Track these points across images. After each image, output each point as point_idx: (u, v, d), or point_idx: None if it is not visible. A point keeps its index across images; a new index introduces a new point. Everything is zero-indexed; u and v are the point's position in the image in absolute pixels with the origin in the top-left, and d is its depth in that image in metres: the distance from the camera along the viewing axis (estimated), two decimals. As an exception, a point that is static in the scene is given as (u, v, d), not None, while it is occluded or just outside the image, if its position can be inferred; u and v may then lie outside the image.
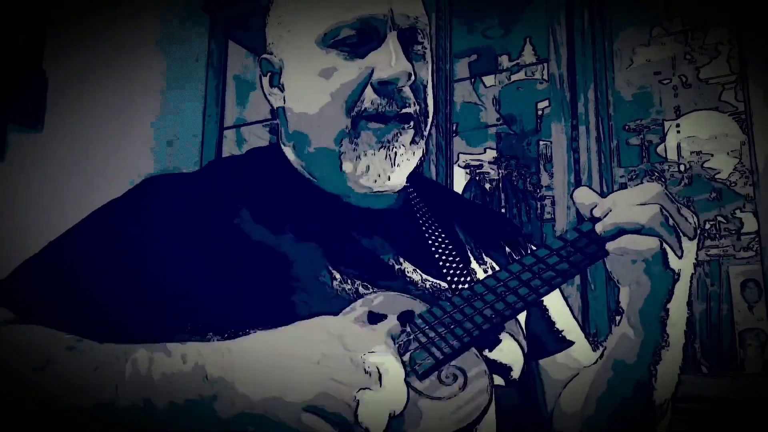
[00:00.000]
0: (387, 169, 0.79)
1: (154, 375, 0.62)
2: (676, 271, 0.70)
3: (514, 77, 2.22)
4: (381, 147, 0.78)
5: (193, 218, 0.78)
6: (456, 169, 2.19)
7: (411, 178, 0.91)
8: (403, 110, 0.79)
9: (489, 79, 2.27)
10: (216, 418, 0.61)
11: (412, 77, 0.78)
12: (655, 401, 0.77)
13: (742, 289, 1.80)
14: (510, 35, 2.24)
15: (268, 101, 0.88)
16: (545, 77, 2.11)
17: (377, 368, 0.60)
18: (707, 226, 1.79)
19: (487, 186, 2.25)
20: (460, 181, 2.24)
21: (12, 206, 2.13)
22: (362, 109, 0.78)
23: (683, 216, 0.70)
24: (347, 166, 0.79)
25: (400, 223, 0.86)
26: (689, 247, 0.70)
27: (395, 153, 0.79)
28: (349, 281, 0.75)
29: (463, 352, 0.67)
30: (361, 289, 0.75)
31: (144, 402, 0.62)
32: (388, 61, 0.77)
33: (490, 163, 2.25)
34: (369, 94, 0.78)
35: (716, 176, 1.81)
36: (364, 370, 0.59)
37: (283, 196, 0.83)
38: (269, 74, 0.87)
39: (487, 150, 2.26)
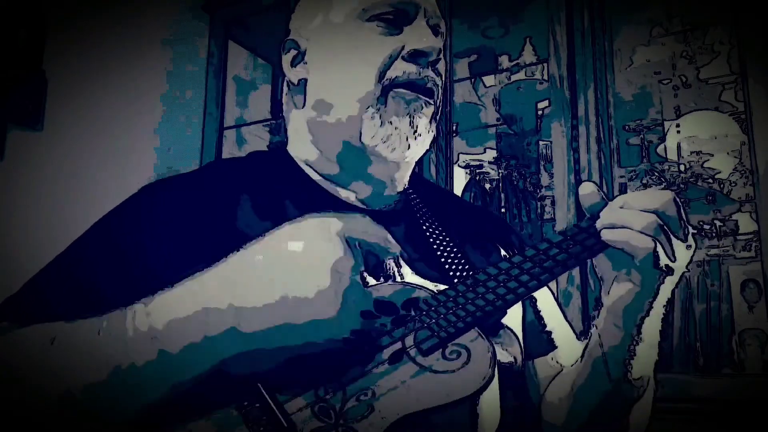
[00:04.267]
0: (410, 137, 0.81)
1: (157, 324, 0.63)
2: (665, 272, 0.72)
3: (514, 77, 2.22)
4: (407, 114, 0.81)
5: (194, 220, 0.79)
6: (456, 169, 2.18)
7: (411, 180, 0.92)
8: (429, 85, 0.82)
9: (489, 79, 2.27)
10: (238, 340, 0.62)
11: (441, 54, 0.83)
12: (633, 395, 0.79)
13: (742, 289, 1.80)
14: (510, 35, 2.24)
15: (287, 78, 0.89)
16: (545, 77, 2.11)
17: None
18: (705, 227, 1.79)
19: (487, 186, 2.25)
20: (460, 181, 2.24)
21: (12, 205, 2.13)
22: (393, 77, 0.81)
23: (683, 226, 0.72)
24: (368, 133, 0.81)
25: (401, 223, 0.88)
26: (683, 254, 0.72)
27: (418, 124, 0.81)
28: None
29: (466, 332, 0.69)
30: None
31: (158, 353, 0.62)
32: (420, 36, 0.82)
33: (490, 163, 2.25)
34: (400, 64, 0.81)
35: (716, 176, 1.80)
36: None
37: (287, 196, 0.84)
38: (292, 53, 0.89)
39: (487, 150, 2.26)
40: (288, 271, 0.62)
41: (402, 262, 0.81)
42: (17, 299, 0.76)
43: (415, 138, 0.82)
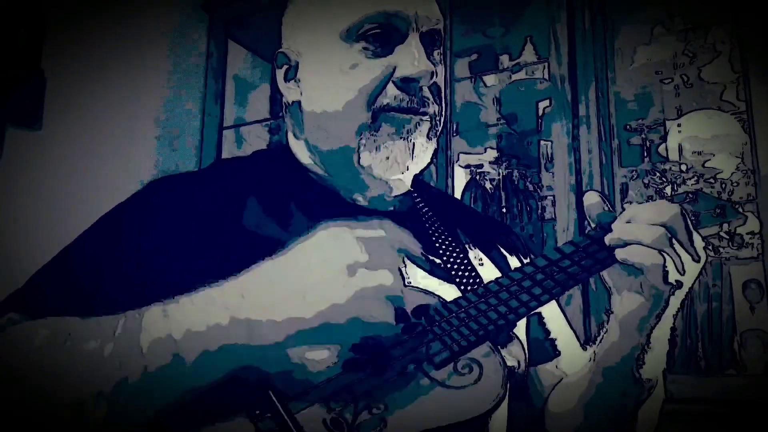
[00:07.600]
0: (406, 159, 0.80)
1: (174, 329, 0.62)
2: (675, 285, 0.72)
3: (514, 77, 2.21)
4: (400, 137, 0.79)
5: (199, 218, 0.78)
6: (456, 169, 2.18)
7: (414, 183, 0.91)
8: (422, 109, 0.80)
9: (489, 79, 2.26)
10: (256, 350, 0.62)
11: (434, 76, 0.80)
12: (641, 395, 0.78)
13: (743, 290, 1.80)
14: (511, 34, 2.24)
15: (282, 95, 0.87)
16: (546, 77, 2.10)
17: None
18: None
19: (488, 186, 2.24)
20: (460, 180, 2.24)
21: (11, 205, 2.13)
22: (384, 104, 0.79)
23: (692, 240, 0.72)
24: (365, 158, 0.80)
25: (406, 225, 0.86)
26: (692, 267, 0.72)
27: (413, 144, 0.80)
28: None
29: (478, 345, 0.68)
30: None
31: (172, 358, 0.62)
32: (411, 59, 0.78)
33: (490, 162, 2.25)
34: (391, 89, 0.79)
35: (718, 176, 1.80)
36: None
37: (292, 195, 0.83)
38: (284, 68, 0.87)
39: (488, 150, 2.26)
40: (306, 284, 0.63)
41: (408, 262, 0.80)
42: (22, 293, 0.76)
43: (413, 158, 0.80)
